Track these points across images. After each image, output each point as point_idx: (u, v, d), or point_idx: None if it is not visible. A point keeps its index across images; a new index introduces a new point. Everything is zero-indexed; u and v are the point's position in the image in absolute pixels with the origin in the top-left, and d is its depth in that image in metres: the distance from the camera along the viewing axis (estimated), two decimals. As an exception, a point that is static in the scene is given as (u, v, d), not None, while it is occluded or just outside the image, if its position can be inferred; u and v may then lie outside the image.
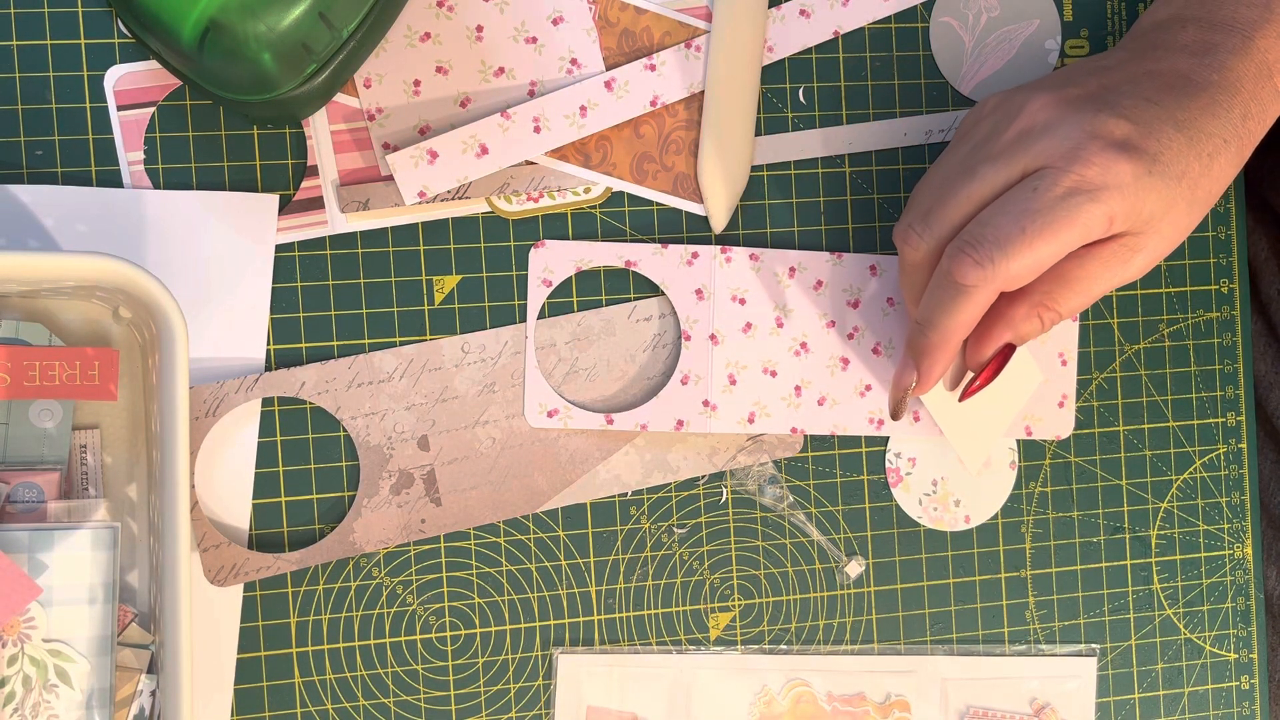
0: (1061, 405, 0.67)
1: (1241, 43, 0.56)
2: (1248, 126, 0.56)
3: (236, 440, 0.59)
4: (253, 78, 0.53)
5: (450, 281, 0.61)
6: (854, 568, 0.65)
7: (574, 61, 0.61)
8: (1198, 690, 0.69)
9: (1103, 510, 0.68)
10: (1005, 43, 0.66)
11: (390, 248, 0.61)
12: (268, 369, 0.59)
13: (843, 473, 0.65)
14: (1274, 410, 0.73)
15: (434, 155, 0.59)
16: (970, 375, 0.61)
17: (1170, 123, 0.54)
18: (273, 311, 0.59)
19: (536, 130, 0.60)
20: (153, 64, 0.58)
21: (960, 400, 0.61)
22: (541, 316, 0.62)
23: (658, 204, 0.63)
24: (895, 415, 0.61)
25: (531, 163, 0.61)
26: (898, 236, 0.58)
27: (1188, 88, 0.55)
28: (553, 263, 0.62)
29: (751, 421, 0.63)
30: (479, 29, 0.60)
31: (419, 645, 0.61)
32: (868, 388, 0.64)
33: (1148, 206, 0.54)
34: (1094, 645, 0.68)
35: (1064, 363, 0.67)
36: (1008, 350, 0.59)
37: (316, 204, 0.59)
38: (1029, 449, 0.67)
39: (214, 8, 0.51)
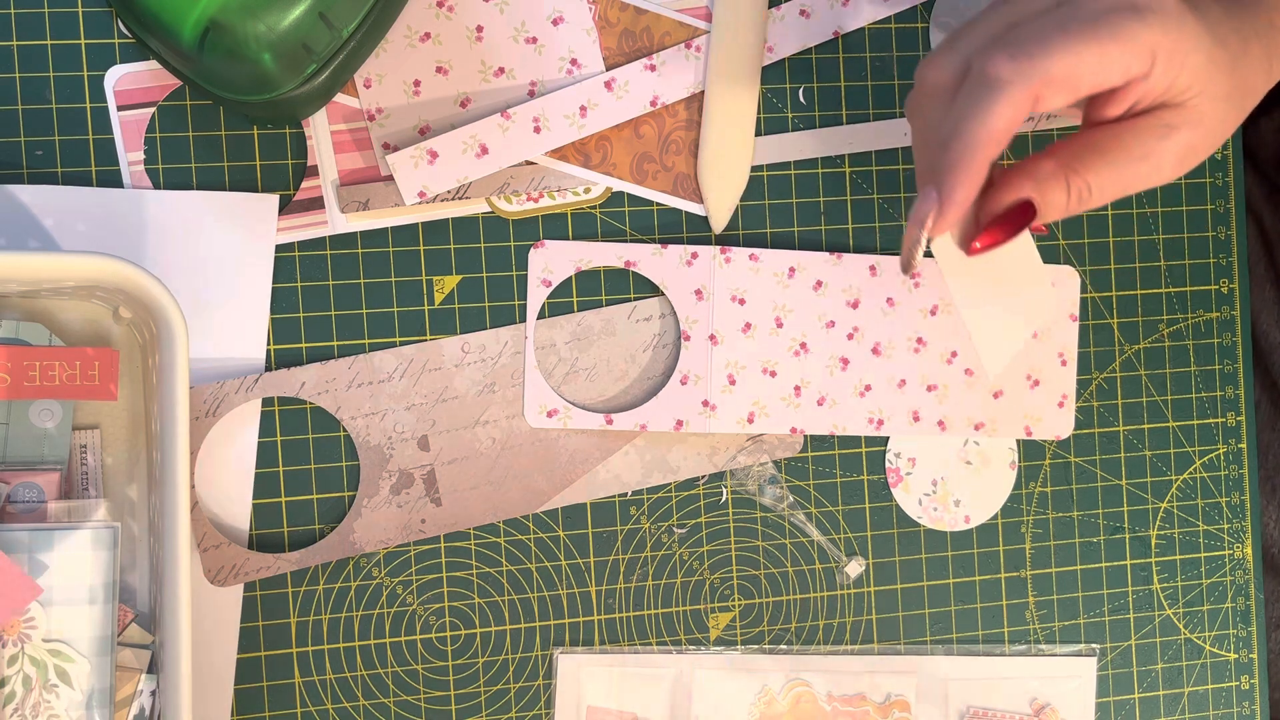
0: (1061, 405, 0.67)
1: None
2: (1274, 35, 0.54)
3: (236, 440, 0.59)
4: (253, 78, 0.53)
5: (450, 281, 0.61)
6: (854, 568, 0.65)
7: (574, 61, 0.61)
8: (1198, 690, 0.69)
9: (1103, 510, 0.68)
10: (1005, 43, 0.66)
11: (390, 248, 0.61)
12: (268, 369, 0.59)
13: (843, 473, 0.65)
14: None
15: (434, 155, 0.59)
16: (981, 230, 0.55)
17: None
18: (273, 311, 0.59)
19: (536, 130, 0.60)
20: (153, 64, 0.58)
21: (969, 255, 0.54)
22: (541, 316, 0.62)
23: (658, 204, 0.63)
24: (906, 265, 0.53)
25: (531, 163, 0.61)
26: (919, 68, 0.52)
27: None
28: (552, 263, 0.62)
29: (751, 421, 0.63)
30: (479, 29, 0.60)
31: (419, 645, 0.61)
32: (867, 388, 0.64)
33: (1190, 59, 0.51)
34: (1094, 645, 0.68)
35: (1064, 363, 0.67)
36: (1026, 210, 0.53)
37: (316, 204, 0.59)
38: (1029, 449, 0.67)
39: (214, 8, 0.51)
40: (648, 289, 0.63)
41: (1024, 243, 0.57)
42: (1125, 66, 0.50)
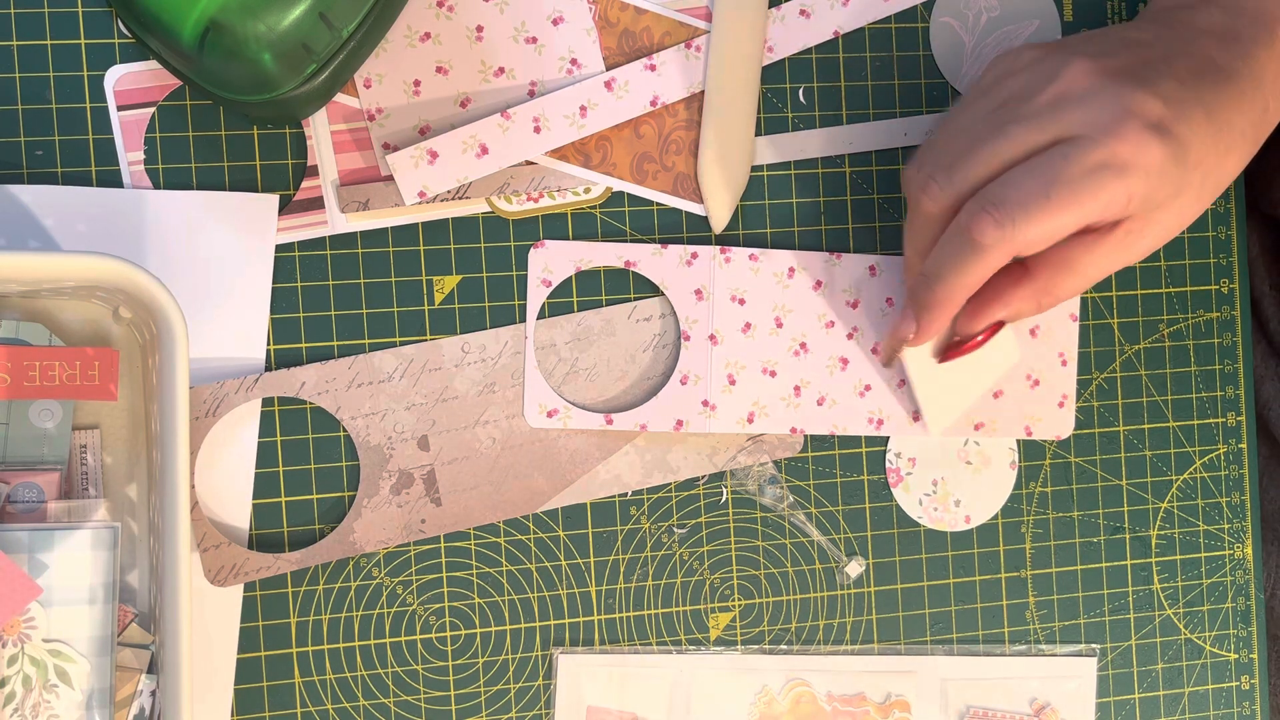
0: (1061, 405, 0.67)
1: (1265, 35, 0.56)
2: (1266, 119, 0.56)
3: (236, 440, 0.59)
4: (253, 78, 0.53)
5: (450, 281, 0.61)
6: (854, 568, 0.65)
7: (574, 61, 0.61)
8: (1198, 690, 0.69)
9: (1103, 510, 0.68)
10: (1005, 43, 0.66)
11: (390, 248, 0.61)
12: (268, 369, 0.59)
13: (843, 473, 0.65)
14: (1266, 404, 0.73)
15: (434, 155, 0.59)
16: (955, 339, 0.61)
17: (1202, 109, 0.54)
18: (273, 311, 0.59)
19: (536, 130, 0.60)
20: (153, 64, 0.58)
21: (940, 361, 0.61)
22: (541, 316, 0.62)
23: (658, 204, 0.63)
24: (886, 363, 0.62)
25: (531, 163, 0.61)
26: (915, 184, 0.56)
27: (1218, 76, 0.55)
28: (552, 263, 0.62)
29: (751, 421, 0.63)
30: (479, 29, 0.60)
31: (419, 645, 0.61)
32: (867, 387, 0.64)
33: (1163, 194, 0.53)
34: (1094, 645, 0.68)
35: (1064, 363, 0.67)
36: (997, 325, 0.59)
37: (316, 204, 0.59)
38: (1029, 449, 0.67)
39: (214, 8, 0.51)
40: (648, 289, 0.63)
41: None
42: (1101, 215, 0.54)
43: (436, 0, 0.60)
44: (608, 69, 0.61)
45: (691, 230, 0.63)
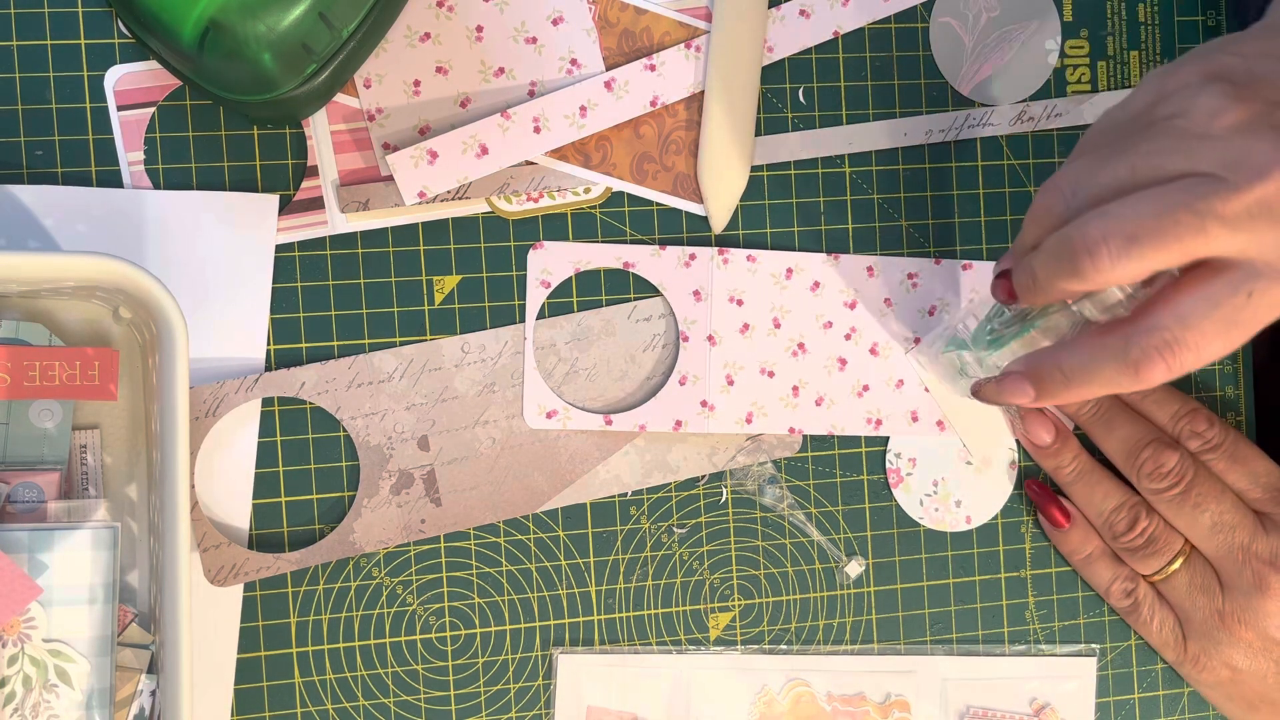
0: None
1: None
2: None
3: (236, 440, 0.59)
4: (253, 78, 0.53)
5: (450, 281, 0.61)
6: (854, 568, 0.65)
7: (574, 61, 0.61)
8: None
9: (1103, 510, 0.68)
10: (1005, 43, 0.66)
11: (390, 248, 0.61)
12: (268, 369, 0.59)
13: (843, 473, 0.65)
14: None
15: (434, 155, 0.59)
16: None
17: None
18: (273, 311, 0.59)
19: (536, 130, 0.60)
20: (153, 64, 0.58)
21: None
22: (541, 317, 0.62)
23: (658, 204, 0.63)
24: (991, 400, 0.59)
25: (531, 163, 0.61)
26: (1040, 193, 0.53)
27: None
28: (551, 264, 0.62)
29: (749, 422, 0.63)
30: (479, 29, 0.60)
31: (419, 645, 0.61)
32: (865, 388, 0.64)
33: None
34: (1094, 645, 0.68)
35: (1064, 363, 0.67)
36: None
37: (316, 204, 0.60)
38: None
39: (214, 8, 0.51)
40: (647, 289, 0.63)
41: None
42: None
43: (436, 0, 0.60)
44: (608, 69, 0.61)
45: (691, 230, 0.63)
